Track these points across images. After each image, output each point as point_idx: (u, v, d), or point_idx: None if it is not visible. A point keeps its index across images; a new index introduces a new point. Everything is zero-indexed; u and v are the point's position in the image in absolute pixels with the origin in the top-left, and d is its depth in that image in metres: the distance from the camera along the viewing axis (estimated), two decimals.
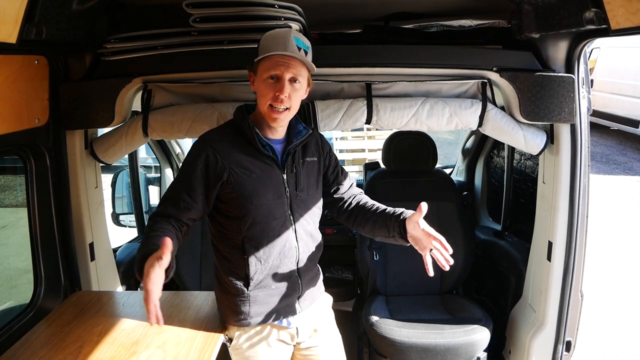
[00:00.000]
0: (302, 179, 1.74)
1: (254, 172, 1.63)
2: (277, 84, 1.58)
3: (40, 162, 1.95)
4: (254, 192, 1.63)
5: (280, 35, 1.59)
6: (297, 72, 1.59)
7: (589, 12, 1.61)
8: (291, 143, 1.72)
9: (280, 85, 1.57)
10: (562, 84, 1.97)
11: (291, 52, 1.56)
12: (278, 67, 1.57)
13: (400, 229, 1.68)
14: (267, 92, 1.59)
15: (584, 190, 2.10)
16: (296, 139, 1.73)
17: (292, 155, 1.73)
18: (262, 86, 1.60)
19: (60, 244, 2.04)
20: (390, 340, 2.34)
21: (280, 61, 1.57)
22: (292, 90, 1.59)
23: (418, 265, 2.78)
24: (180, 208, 1.60)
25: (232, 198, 1.63)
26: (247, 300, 1.70)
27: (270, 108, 1.60)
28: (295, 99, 1.62)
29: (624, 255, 5.09)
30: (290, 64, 1.57)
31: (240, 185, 1.62)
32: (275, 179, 1.67)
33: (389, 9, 2.20)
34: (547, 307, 2.21)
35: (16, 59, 1.73)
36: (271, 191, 1.66)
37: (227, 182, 1.61)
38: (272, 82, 1.59)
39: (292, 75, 1.58)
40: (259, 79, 1.62)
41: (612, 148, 9.10)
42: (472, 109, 2.12)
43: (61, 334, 1.70)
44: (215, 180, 1.60)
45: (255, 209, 1.64)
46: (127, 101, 2.08)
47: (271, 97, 1.58)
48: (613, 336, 3.69)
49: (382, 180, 2.93)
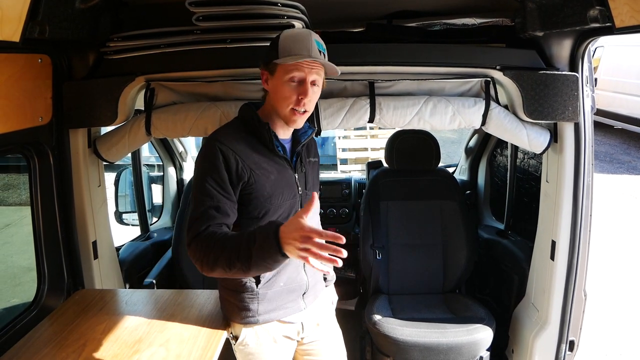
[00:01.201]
0: (310, 178, 1.78)
1: (272, 172, 1.63)
2: (300, 87, 1.57)
3: (43, 160, 1.96)
4: (272, 193, 1.63)
5: (303, 38, 1.57)
6: (320, 75, 1.60)
7: (593, 10, 1.61)
8: (299, 143, 1.73)
9: (304, 88, 1.57)
10: (566, 83, 1.96)
11: (315, 56, 1.55)
12: (302, 70, 1.55)
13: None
14: (290, 94, 1.57)
15: (588, 189, 2.09)
16: (303, 138, 1.74)
17: (300, 156, 1.75)
18: (284, 88, 1.58)
19: (64, 242, 2.04)
20: (393, 339, 2.34)
21: (305, 65, 1.55)
22: (312, 93, 1.59)
23: (421, 264, 2.81)
24: (220, 213, 1.53)
25: (251, 199, 1.62)
26: (256, 298, 1.70)
27: (292, 111, 1.60)
28: (314, 101, 1.63)
29: (628, 254, 5.07)
30: (314, 67, 1.57)
31: (261, 186, 1.60)
32: (289, 179, 1.69)
33: (392, 7, 2.19)
34: (550, 307, 2.20)
35: (19, 57, 1.73)
36: (287, 191, 1.67)
37: (248, 184, 1.59)
38: (294, 84, 1.57)
39: (315, 77, 1.58)
40: (277, 80, 1.59)
41: (616, 147, 9.05)
42: (475, 108, 2.11)
43: (64, 332, 1.70)
44: (237, 181, 1.58)
45: (274, 209, 1.64)
46: (130, 100, 2.08)
47: (294, 100, 1.57)
48: (617, 336, 3.67)
49: (385, 179, 2.93)
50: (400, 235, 2.84)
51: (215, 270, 1.44)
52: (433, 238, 2.84)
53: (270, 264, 1.35)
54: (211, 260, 1.43)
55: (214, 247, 1.43)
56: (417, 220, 2.85)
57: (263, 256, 1.34)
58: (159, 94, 2.11)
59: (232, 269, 1.40)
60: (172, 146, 3.46)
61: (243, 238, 1.40)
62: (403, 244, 2.83)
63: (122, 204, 3.33)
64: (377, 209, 2.85)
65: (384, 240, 2.82)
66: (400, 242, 2.84)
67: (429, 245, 2.83)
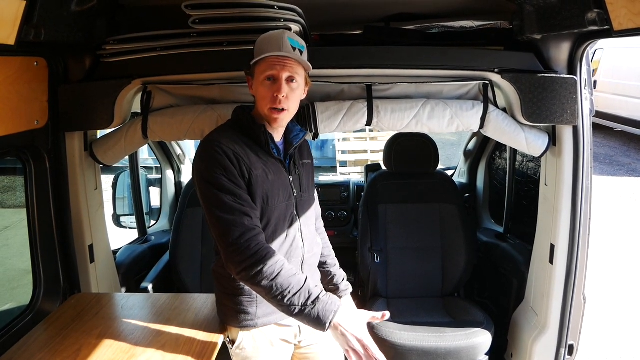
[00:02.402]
0: (304, 180, 1.77)
1: (269, 173, 1.63)
2: (274, 84, 1.58)
3: (39, 164, 1.95)
4: (270, 194, 1.62)
5: (275, 37, 1.59)
6: (294, 71, 1.59)
7: (592, 13, 1.60)
8: (291, 145, 1.72)
9: (278, 85, 1.57)
10: (564, 86, 1.96)
11: (286, 51, 1.56)
12: (274, 67, 1.56)
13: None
14: (266, 93, 1.58)
15: (587, 192, 2.08)
16: (295, 141, 1.74)
17: (293, 158, 1.74)
18: (260, 88, 1.60)
19: (60, 246, 2.04)
20: (391, 343, 2.32)
21: (276, 61, 1.56)
22: (289, 90, 1.59)
23: (419, 268, 2.80)
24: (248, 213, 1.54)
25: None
26: (255, 302, 1.69)
27: (270, 110, 1.60)
28: (293, 99, 1.62)
29: (628, 257, 5.06)
30: (286, 63, 1.57)
31: (260, 187, 1.60)
32: (284, 181, 1.68)
33: (390, 10, 2.19)
34: (549, 311, 2.19)
35: (15, 60, 1.72)
36: (282, 193, 1.67)
37: (249, 184, 1.58)
38: (269, 83, 1.58)
39: (289, 74, 1.58)
40: (256, 82, 1.62)
41: (616, 149, 9.05)
42: (473, 111, 2.10)
43: (59, 337, 1.69)
44: (242, 178, 1.57)
45: (271, 211, 1.64)
46: (127, 103, 2.07)
47: (270, 98, 1.58)
48: (616, 340, 3.66)
49: (383, 182, 2.92)
50: (399, 239, 2.83)
51: (261, 289, 1.50)
52: (432, 241, 2.83)
53: (308, 325, 1.50)
54: (269, 290, 1.48)
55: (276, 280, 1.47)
56: (416, 224, 2.84)
57: (310, 319, 1.48)
58: (156, 97, 2.11)
59: (278, 306, 1.51)
60: (170, 149, 3.45)
61: (304, 292, 1.48)
62: (401, 247, 2.82)
63: (120, 206, 3.32)
64: (376, 212, 2.84)
65: (383, 243, 2.81)
66: (398, 245, 2.82)
67: (427, 249, 2.82)
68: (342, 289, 1.96)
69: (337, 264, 2.00)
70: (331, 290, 1.98)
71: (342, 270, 2.00)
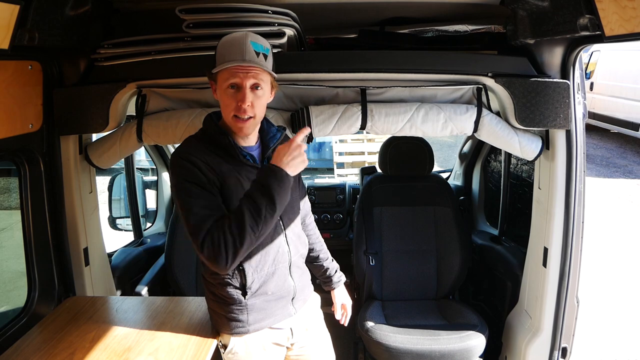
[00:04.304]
0: None
1: (244, 181, 1.60)
2: (238, 93, 1.54)
3: (34, 167, 1.95)
4: None
5: (237, 42, 1.53)
6: (258, 77, 1.54)
7: (583, 19, 1.61)
8: (268, 148, 1.70)
9: (242, 94, 1.53)
10: (557, 90, 1.97)
11: (249, 59, 1.51)
12: (237, 75, 1.52)
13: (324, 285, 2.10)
14: (230, 102, 1.55)
15: (580, 196, 2.09)
16: (272, 142, 1.71)
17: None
18: (224, 96, 1.56)
19: (54, 249, 2.04)
20: (385, 346, 2.33)
21: (240, 70, 1.52)
22: (254, 97, 1.55)
23: (414, 270, 2.81)
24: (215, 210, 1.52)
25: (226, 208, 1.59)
26: (245, 309, 1.69)
27: (234, 118, 1.56)
28: (259, 106, 1.58)
29: (624, 259, 5.07)
30: (250, 70, 1.52)
31: (235, 197, 1.56)
32: None
33: (384, 14, 2.19)
34: (542, 313, 2.20)
35: (9, 64, 1.73)
36: None
37: (222, 194, 1.57)
38: (233, 91, 1.54)
39: (253, 81, 1.54)
40: (219, 89, 1.57)
41: (612, 151, 9.07)
42: (467, 115, 2.11)
43: (53, 340, 1.70)
44: (213, 185, 1.55)
45: None
46: (122, 106, 2.08)
47: (234, 107, 1.55)
48: (610, 342, 3.67)
49: (378, 184, 2.93)
50: (394, 241, 2.84)
51: (244, 241, 1.44)
52: (427, 244, 2.84)
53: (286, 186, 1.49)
54: (236, 235, 1.43)
55: (232, 225, 1.44)
56: (411, 226, 2.85)
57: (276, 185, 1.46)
58: (151, 100, 2.11)
59: (260, 222, 1.45)
60: (166, 151, 3.45)
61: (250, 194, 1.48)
62: (396, 250, 2.83)
63: (115, 209, 3.32)
64: (371, 215, 2.85)
65: (378, 246, 2.81)
66: (393, 248, 2.83)
67: (422, 251, 2.83)
68: (335, 281, 2.05)
69: (329, 257, 2.05)
70: (325, 282, 2.07)
71: (335, 262, 2.04)
